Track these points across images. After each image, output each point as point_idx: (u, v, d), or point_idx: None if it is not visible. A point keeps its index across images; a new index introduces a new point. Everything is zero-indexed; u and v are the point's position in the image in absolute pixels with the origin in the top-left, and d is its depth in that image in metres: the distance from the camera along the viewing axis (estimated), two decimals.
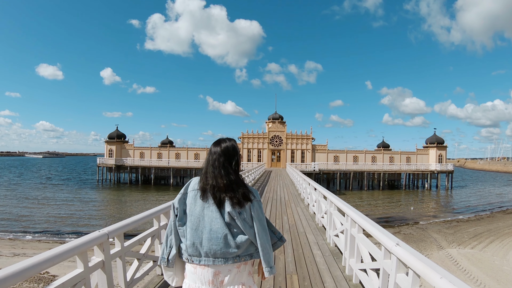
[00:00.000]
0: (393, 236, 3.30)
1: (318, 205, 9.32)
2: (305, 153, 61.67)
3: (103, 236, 3.32)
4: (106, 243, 3.41)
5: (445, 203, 42.84)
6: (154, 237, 4.88)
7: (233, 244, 2.19)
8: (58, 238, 22.00)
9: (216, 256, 2.19)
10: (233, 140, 2.38)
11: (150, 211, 4.64)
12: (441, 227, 26.25)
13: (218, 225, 2.19)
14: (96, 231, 3.36)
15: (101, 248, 3.39)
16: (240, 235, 2.21)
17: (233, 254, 2.20)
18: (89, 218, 27.69)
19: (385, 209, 35.13)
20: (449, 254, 18.05)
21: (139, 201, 38.01)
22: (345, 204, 5.57)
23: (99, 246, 3.37)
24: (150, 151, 61.76)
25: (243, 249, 2.22)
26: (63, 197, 39.76)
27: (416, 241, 20.61)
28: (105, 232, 3.36)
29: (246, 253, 2.25)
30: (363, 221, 4.29)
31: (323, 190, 8.52)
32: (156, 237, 4.95)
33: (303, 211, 11.65)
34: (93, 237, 3.18)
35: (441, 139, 60.64)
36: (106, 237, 3.36)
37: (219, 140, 2.38)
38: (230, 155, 2.31)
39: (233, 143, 2.36)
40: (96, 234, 3.25)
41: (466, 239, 21.93)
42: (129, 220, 3.99)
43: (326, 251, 6.55)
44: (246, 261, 2.26)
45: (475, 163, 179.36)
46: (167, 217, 5.35)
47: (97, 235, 3.25)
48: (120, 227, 3.67)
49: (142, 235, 4.55)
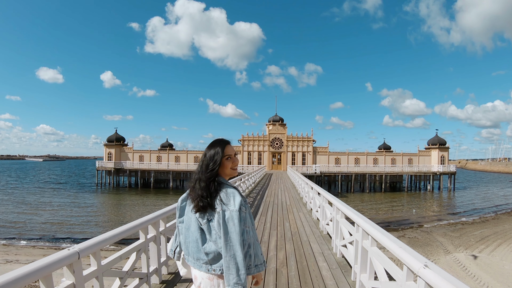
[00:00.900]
0: (420, 256, 2.74)
1: (323, 211, 8.72)
2: (306, 156, 60.98)
3: (73, 255, 2.78)
4: (77, 264, 2.86)
5: (448, 205, 42.22)
6: (140, 252, 4.31)
7: (202, 250, 2.19)
8: (53, 244, 21.45)
9: (193, 258, 2.24)
10: (215, 142, 2.34)
11: (135, 223, 4.10)
12: (446, 230, 25.64)
13: (194, 228, 2.25)
14: (66, 249, 2.82)
15: (71, 270, 2.84)
16: (209, 243, 2.18)
17: (203, 260, 2.19)
18: (86, 224, 27.11)
19: (388, 212, 34.52)
20: (456, 259, 17.43)
21: (137, 205, 37.40)
22: (355, 212, 4.99)
23: (68, 267, 2.82)
24: (149, 154, 61.16)
25: (212, 258, 2.17)
26: (61, 202, 39.12)
27: (422, 246, 19.99)
28: (75, 251, 2.82)
29: (219, 266, 2.16)
30: (379, 233, 3.71)
31: (328, 195, 7.93)
32: (142, 251, 4.38)
33: (305, 216, 11.06)
34: (60, 257, 2.64)
35: (443, 140, 60.02)
36: (77, 256, 2.81)
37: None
38: (204, 157, 2.31)
39: (212, 145, 2.34)
40: (64, 253, 2.72)
41: (473, 242, 21.33)
42: (107, 235, 3.43)
43: (333, 263, 5.96)
44: (219, 274, 2.17)
45: (476, 164, 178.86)
46: (156, 228, 4.81)
47: (65, 254, 2.71)
48: (94, 244, 3.12)
49: (125, 250, 3.98)
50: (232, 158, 2.31)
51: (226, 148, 2.29)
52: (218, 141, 2.34)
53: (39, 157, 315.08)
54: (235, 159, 2.34)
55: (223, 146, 2.29)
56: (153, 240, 4.76)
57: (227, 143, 2.33)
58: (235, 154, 2.38)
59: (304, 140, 61.45)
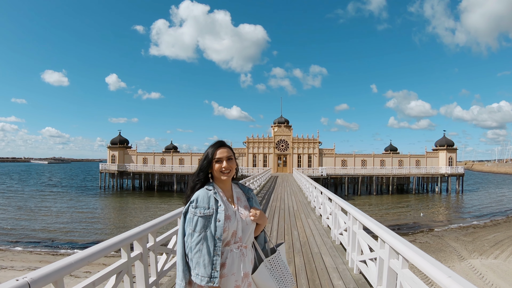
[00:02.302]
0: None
1: (335, 219, 7.92)
2: (312, 158, 59.97)
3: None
4: None
5: (458, 207, 41.20)
6: (121, 274, 3.55)
7: None
8: (50, 249, 20.85)
9: None
10: (212, 144, 2.41)
11: (113, 240, 3.31)
12: (457, 234, 24.72)
13: None
14: (14, 279, 2.10)
15: None
16: None
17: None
18: (87, 228, 26.46)
19: (397, 215, 33.57)
20: (472, 266, 16.55)
21: (140, 209, 36.70)
22: (378, 225, 4.22)
23: None
24: (153, 157, 60.59)
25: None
26: (62, 206, 38.50)
27: (435, 251, 19.11)
28: (25, 282, 2.09)
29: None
30: (415, 255, 2.92)
31: (342, 202, 7.09)
32: (124, 273, 3.62)
33: (314, 223, 10.28)
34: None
35: (451, 141, 58.81)
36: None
37: None
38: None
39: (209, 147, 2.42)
40: (11, 285, 2.00)
41: (487, 247, 20.40)
42: (73, 257, 2.67)
43: (350, 281, 5.18)
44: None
45: (483, 165, 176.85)
46: (143, 244, 4.05)
47: (14, 285, 2.00)
48: (53, 271, 2.36)
49: (101, 274, 3.21)
50: (223, 161, 2.30)
51: (218, 150, 2.33)
52: (214, 143, 2.38)
53: (44, 160, 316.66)
54: (228, 162, 2.31)
55: (214, 149, 2.34)
56: (139, 259, 3.98)
57: (219, 146, 2.35)
58: (229, 157, 2.34)
59: (310, 142, 60.46)
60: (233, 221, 2.22)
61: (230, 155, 2.33)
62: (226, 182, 2.37)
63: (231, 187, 2.43)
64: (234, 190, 2.44)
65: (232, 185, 2.46)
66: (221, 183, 2.35)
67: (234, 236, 2.23)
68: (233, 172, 2.37)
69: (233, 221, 2.23)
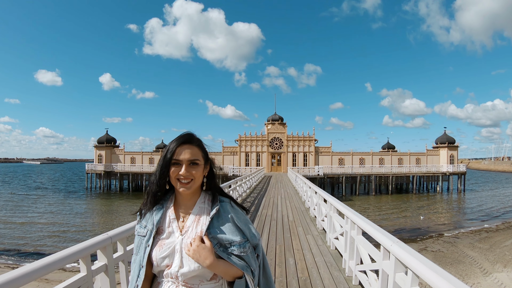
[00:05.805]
0: None
1: (350, 244, 5.12)
2: (308, 156, 57.29)
3: None
4: None
5: (462, 208, 38.96)
6: None
7: None
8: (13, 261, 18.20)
9: None
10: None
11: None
12: (471, 239, 22.28)
13: None
14: None
15: None
16: None
17: None
18: (64, 235, 23.74)
19: (399, 217, 31.04)
20: (499, 282, 14.03)
21: (127, 212, 33.92)
22: None
23: None
24: (141, 156, 57.74)
25: None
26: (41, 210, 35.42)
27: (453, 263, 16.56)
28: None
29: None
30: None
31: (364, 222, 4.29)
32: None
33: (317, 242, 7.63)
34: None
35: (452, 138, 56.58)
36: None
37: None
38: None
39: None
40: None
41: (509, 257, 17.92)
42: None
43: None
44: None
45: (480, 163, 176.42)
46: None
47: None
48: None
49: None
50: (181, 165, 1.50)
51: (178, 149, 1.51)
52: (178, 136, 1.56)
53: (37, 160, 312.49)
54: (189, 168, 1.50)
55: (176, 145, 1.52)
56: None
57: (183, 142, 1.53)
58: (193, 161, 1.50)
59: (305, 140, 57.76)
60: (164, 251, 1.48)
61: (196, 158, 1.52)
62: (185, 195, 1.56)
63: (195, 201, 1.57)
64: (198, 205, 1.56)
65: (203, 197, 1.60)
66: (180, 194, 1.57)
67: (169, 270, 1.47)
68: (197, 183, 1.54)
69: (165, 250, 1.48)
